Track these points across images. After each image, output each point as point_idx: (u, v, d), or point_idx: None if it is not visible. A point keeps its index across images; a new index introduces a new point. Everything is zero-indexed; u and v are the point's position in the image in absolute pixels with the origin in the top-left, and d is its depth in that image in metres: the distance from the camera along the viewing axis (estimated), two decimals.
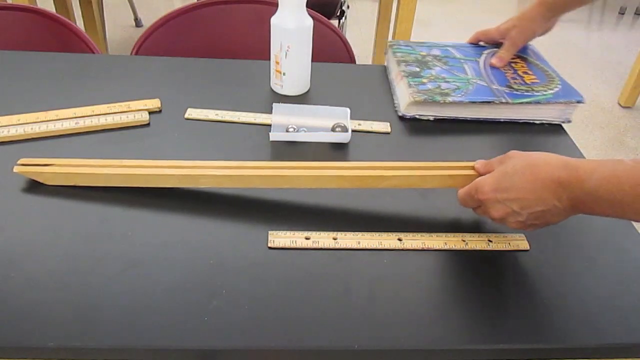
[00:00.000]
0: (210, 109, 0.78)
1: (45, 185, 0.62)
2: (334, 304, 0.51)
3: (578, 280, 0.55)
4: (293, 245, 0.56)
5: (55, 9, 1.73)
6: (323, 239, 0.57)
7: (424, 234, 0.59)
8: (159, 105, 0.77)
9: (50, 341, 0.46)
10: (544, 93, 0.78)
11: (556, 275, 0.56)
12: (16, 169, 0.62)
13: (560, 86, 0.81)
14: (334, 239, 0.57)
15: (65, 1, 1.73)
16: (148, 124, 0.75)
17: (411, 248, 0.57)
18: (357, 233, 0.58)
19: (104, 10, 2.19)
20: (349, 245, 0.57)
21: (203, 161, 0.63)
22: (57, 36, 1.03)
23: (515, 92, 0.78)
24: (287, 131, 0.74)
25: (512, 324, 0.50)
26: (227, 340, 0.47)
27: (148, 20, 2.60)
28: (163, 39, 1.05)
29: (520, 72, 0.85)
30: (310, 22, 0.78)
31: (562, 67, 2.51)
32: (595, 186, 0.48)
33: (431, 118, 0.77)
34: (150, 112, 0.76)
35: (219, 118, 0.76)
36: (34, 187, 0.62)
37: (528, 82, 0.81)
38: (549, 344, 0.49)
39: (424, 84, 0.78)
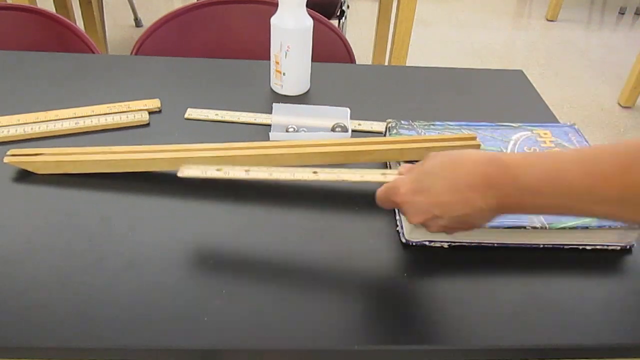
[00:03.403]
0: (210, 109, 0.78)
1: (47, 187, 0.62)
2: (334, 304, 0.51)
3: (575, 279, 0.56)
4: (203, 176, 0.56)
5: (55, 9, 1.73)
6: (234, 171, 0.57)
7: (341, 168, 0.57)
8: (159, 105, 0.77)
9: (50, 341, 0.46)
10: None
11: (555, 274, 0.56)
12: (6, 159, 0.63)
13: None
14: (246, 170, 0.57)
15: (65, 1, 1.73)
16: (148, 124, 0.75)
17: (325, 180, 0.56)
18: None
19: (104, 10, 2.19)
20: (260, 177, 0.56)
21: (191, 144, 0.64)
22: (57, 36, 1.03)
23: None
24: (287, 131, 0.74)
25: (512, 324, 0.50)
26: (227, 340, 0.47)
27: (148, 20, 2.60)
28: (163, 39, 1.05)
29: None
30: (310, 22, 0.78)
31: (562, 67, 2.52)
32: (533, 181, 0.44)
33: (445, 245, 0.58)
34: (150, 112, 0.76)
35: (219, 118, 0.76)
36: (38, 191, 0.62)
37: None
38: (547, 343, 0.49)
39: None
